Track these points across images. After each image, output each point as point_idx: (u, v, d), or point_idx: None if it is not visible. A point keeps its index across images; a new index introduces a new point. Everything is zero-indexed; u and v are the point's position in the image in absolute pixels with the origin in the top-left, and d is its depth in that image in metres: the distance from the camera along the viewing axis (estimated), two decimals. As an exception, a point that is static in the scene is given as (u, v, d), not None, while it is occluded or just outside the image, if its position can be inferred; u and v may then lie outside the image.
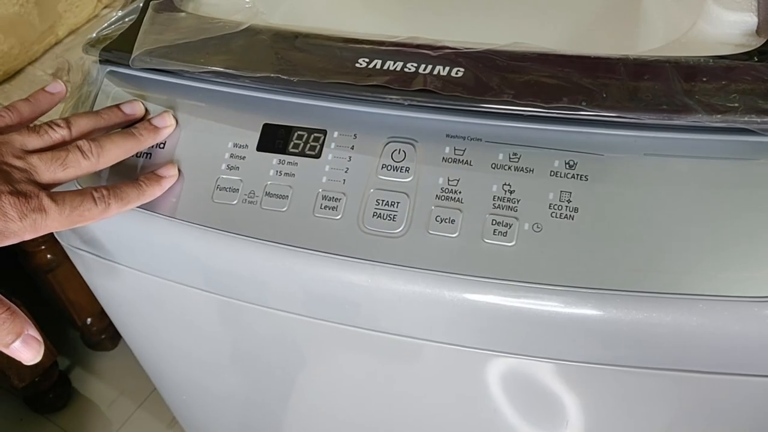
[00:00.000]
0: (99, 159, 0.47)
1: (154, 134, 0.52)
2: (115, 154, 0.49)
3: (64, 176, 0.46)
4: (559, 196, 0.45)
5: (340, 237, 0.47)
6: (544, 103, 0.45)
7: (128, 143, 0.50)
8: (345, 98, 0.50)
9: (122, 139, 0.49)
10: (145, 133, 0.51)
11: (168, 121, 0.52)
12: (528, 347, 0.47)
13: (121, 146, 0.49)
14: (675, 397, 0.49)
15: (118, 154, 0.49)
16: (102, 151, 0.47)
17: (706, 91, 0.44)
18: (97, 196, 0.46)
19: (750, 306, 0.42)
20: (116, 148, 0.49)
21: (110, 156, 0.48)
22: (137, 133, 0.51)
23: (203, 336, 0.60)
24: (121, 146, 0.49)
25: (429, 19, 0.69)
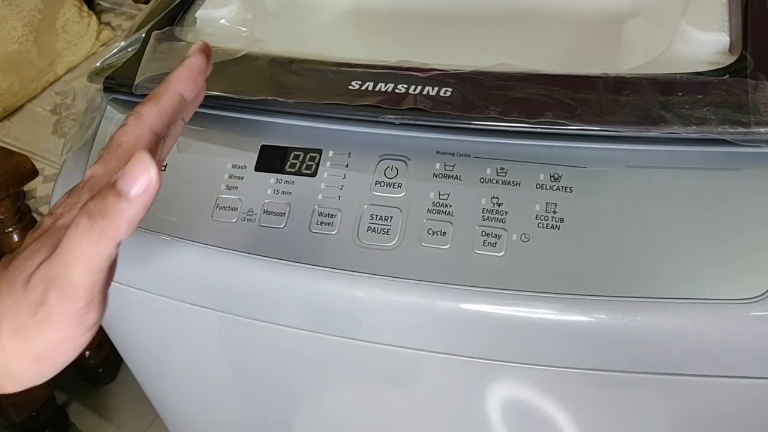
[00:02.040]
0: (141, 114, 0.37)
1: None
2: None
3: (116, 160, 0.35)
4: (545, 208, 0.47)
5: (336, 251, 0.49)
6: (529, 119, 0.47)
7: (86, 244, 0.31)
8: (339, 119, 0.52)
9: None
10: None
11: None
12: (518, 354, 0.48)
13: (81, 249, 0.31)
14: (663, 401, 0.50)
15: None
16: (142, 104, 0.37)
17: (682, 104, 0.46)
18: (125, 119, 0.37)
19: (731, 308, 0.44)
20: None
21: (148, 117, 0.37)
22: None
23: (204, 354, 0.61)
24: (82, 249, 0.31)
25: (419, 45, 0.71)
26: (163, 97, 0.38)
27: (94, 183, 0.36)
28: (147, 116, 0.37)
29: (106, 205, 0.30)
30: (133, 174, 0.30)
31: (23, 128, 1.37)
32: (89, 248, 0.31)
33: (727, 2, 0.54)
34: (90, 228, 0.31)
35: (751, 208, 0.45)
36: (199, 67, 0.41)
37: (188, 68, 0.40)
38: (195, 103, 0.42)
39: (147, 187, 0.31)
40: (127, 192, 0.30)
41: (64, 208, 0.36)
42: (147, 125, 0.37)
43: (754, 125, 0.44)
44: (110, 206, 0.30)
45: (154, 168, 0.31)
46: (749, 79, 0.47)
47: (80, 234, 0.31)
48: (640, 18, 0.67)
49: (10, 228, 1.13)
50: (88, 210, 0.31)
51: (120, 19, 1.63)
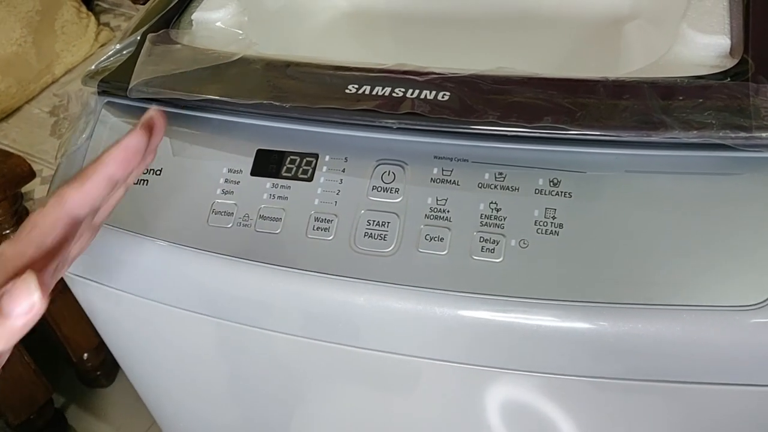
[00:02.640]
0: (62, 196, 0.35)
1: None
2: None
3: (31, 244, 0.34)
4: (544, 213, 0.47)
5: (333, 257, 0.49)
6: (528, 124, 0.47)
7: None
8: (336, 123, 0.51)
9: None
10: None
11: None
12: (517, 361, 0.48)
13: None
14: (664, 409, 0.49)
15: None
16: (67, 186, 0.36)
17: (683, 108, 0.46)
18: (45, 200, 0.35)
19: (732, 315, 0.43)
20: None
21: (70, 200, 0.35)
22: None
23: (200, 360, 0.61)
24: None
25: (417, 47, 0.71)
26: (89, 180, 0.36)
27: (0, 265, 0.34)
28: (68, 200, 0.35)
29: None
30: (17, 296, 0.30)
31: (21, 130, 1.37)
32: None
33: (728, 5, 0.54)
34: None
35: (753, 214, 0.44)
36: (137, 148, 0.38)
37: (123, 148, 0.37)
38: (140, 169, 0.40)
39: (29, 311, 0.30)
40: (8, 312, 0.30)
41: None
42: (66, 210, 0.35)
43: (755, 130, 0.44)
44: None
45: (38, 294, 0.30)
46: (750, 83, 0.46)
47: None
48: (639, 20, 0.67)
49: (8, 230, 1.12)
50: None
51: (119, 20, 1.62)
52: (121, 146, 0.37)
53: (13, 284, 0.30)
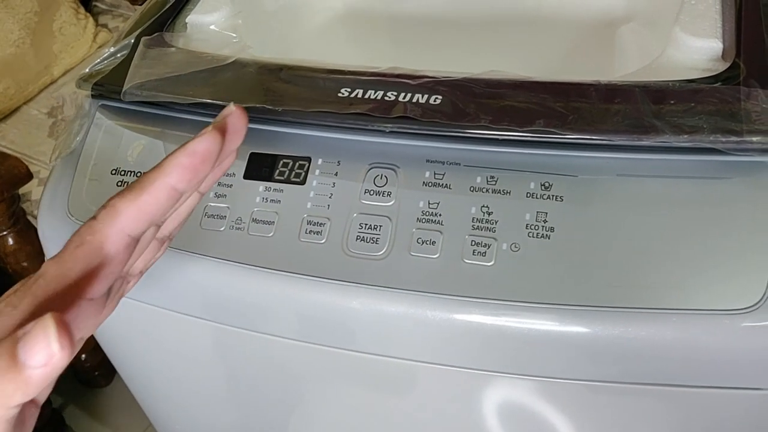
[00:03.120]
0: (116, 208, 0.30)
1: None
2: None
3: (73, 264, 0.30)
4: (536, 217, 0.47)
5: (325, 260, 0.49)
6: (519, 127, 0.47)
7: None
8: (328, 127, 0.51)
9: None
10: None
11: None
12: (509, 364, 0.48)
13: None
14: (656, 412, 0.49)
15: None
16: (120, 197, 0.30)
17: (674, 113, 0.46)
18: (95, 213, 0.31)
19: (723, 319, 0.43)
20: None
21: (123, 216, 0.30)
22: None
23: (195, 362, 0.61)
24: None
25: (411, 49, 0.71)
26: (146, 191, 0.30)
27: (41, 286, 0.29)
28: (122, 213, 0.30)
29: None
30: (32, 343, 0.24)
31: (19, 131, 1.37)
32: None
33: (721, 8, 0.54)
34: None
35: (743, 218, 0.44)
36: (207, 153, 0.31)
37: (189, 154, 0.30)
38: (216, 175, 0.34)
39: (47, 362, 0.24)
40: (23, 361, 0.24)
41: (8, 293, 0.30)
42: (119, 225, 0.30)
43: (746, 134, 0.44)
44: (2, 369, 0.24)
45: (57, 342, 0.24)
46: (742, 87, 0.46)
47: None
48: (634, 23, 0.67)
49: (5, 231, 1.12)
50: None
51: (117, 21, 1.62)
52: (186, 151, 0.31)
53: (31, 327, 0.24)
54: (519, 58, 0.69)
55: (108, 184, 0.55)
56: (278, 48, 0.66)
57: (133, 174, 0.54)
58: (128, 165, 0.55)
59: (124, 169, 0.55)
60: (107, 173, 0.55)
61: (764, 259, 0.43)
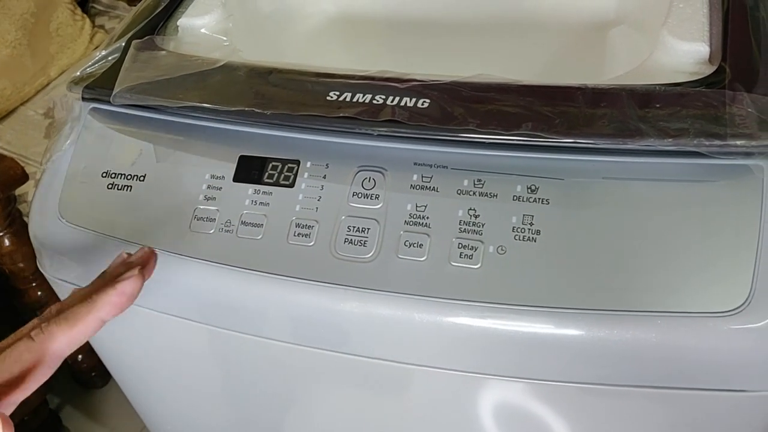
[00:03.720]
0: (51, 328, 0.38)
1: (124, 266, 0.42)
2: (74, 314, 0.38)
3: (9, 374, 0.37)
4: (522, 220, 0.47)
5: (313, 263, 0.49)
6: (506, 131, 0.47)
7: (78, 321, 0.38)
8: (317, 130, 0.52)
9: (89, 289, 0.40)
10: (113, 270, 0.42)
11: (141, 252, 0.44)
12: (495, 366, 0.48)
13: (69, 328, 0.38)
14: (643, 414, 0.50)
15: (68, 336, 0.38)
16: (57, 320, 0.38)
17: (659, 116, 0.46)
18: (34, 333, 0.37)
19: (707, 321, 0.43)
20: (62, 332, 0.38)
21: (69, 318, 0.38)
22: (105, 276, 0.41)
23: (184, 365, 0.61)
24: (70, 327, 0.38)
25: (402, 52, 0.71)
26: (80, 323, 0.37)
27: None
28: (56, 340, 0.37)
29: None
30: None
31: (16, 132, 1.37)
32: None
33: (708, 12, 0.54)
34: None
35: (728, 220, 0.45)
36: (132, 293, 0.39)
37: (120, 294, 0.39)
38: None
39: None
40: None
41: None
42: (52, 349, 0.37)
43: (730, 138, 0.44)
44: None
45: None
46: (727, 91, 0.47)
47: None
48: (624, 26, 0.67)
49: (1, 233, 1.13)
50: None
51: (114, 22, 1.63)
52: (117, 291, 0.38)
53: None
54: (510, 61, 0.69)
55: (98, 187, 0.55)
56: (268, 51, 0.66)
57: (124, 177, 0.55)
58: (118, 168, 0.55)
59: (115, 172, 0.55)
60: (98, 176, 0.56)
61: (748, 261, 0.44)
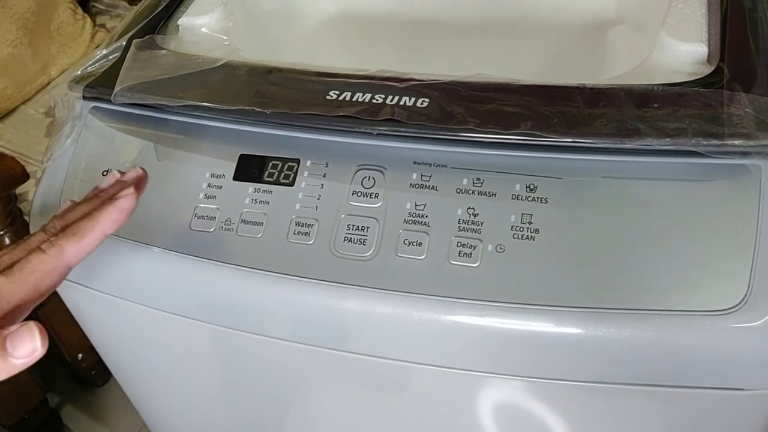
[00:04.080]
0: (61, 242, 0.41)
1: (119, 185, 0.46)
2: (80, 229, 0.42)
3: (26, 285, 0.40)
4: (521, 219, 0.47)
5: (313, 261, 0.49)
6: (505, 130, 0.47)
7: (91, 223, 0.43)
8: (317, 129, 0.52)
9: (87, 205, 0.44)
10: (110, 189, 0.46)
11: (134, 173, 0.48)
12: (494, 364, 0.48)
13: (86, 231, 0.42)
14: (640, 412, 0.50)
15: (89, 239, 0.42)
16: (65, 235, 0.42)
17: (657, 116, 0.46)
18: (45, 246, 0.41)
19: (704, 319, 0.44)
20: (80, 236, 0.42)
21: (76, 233, 0.42)
22: (102, 194, 0.46)
23: (186, 361, 0.61)
24: (87, 230, 0.42)
25: (402, 52, 0.71)
26: (86, 237, 0.42)
27: None
28: (67, 253, 0.41)
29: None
30: (20, 341, 0.36)
31: (16, 131, 1.37)
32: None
33: (707, 13, 0.54)
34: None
35: (725, 219, 0.45)
36: (130, 209, 0.44)
37: (118, 210, 0.43)
38: None
39: (30, 354, 0.36)
40: (11, 353, 0.36)
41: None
42: (64, 261, 0.41)
43: (728, 137, 0.44)
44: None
45: (39, 340, 0.36)
46: (725, 91, 0.47)
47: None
48: (623, 26, 0.68)
49: (1, 231, 1.13)
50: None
51: (115, 22, 1.63)
52: (117, 207, 0.43)
53: (18, 328, 0.36)
54: (509, 61, 0.70)
55: (99, 185, 0.55)
56: (269, 51, 0.66)
57: (124, 175, 0.55)
58: (119, 166, 0.55)
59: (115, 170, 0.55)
60: (98, 175, 0.56)
61: (746, 260, 0.44)
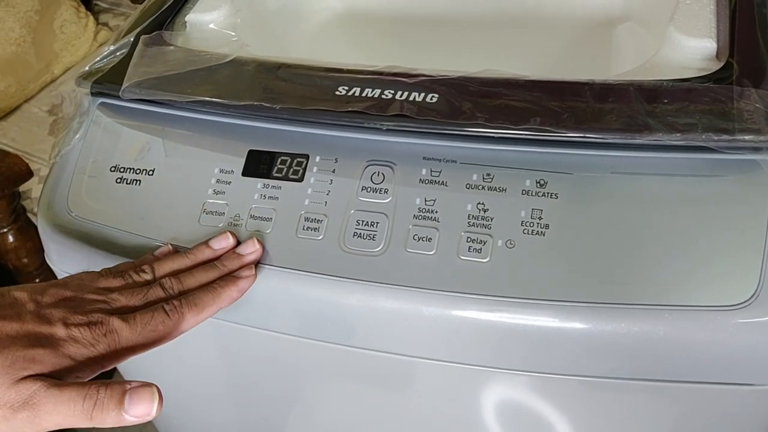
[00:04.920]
0: (183, 311, 0.45)
1: (239, 262, 0.49)
2: (202, 301, 0.46)
3: (144, 338, 0.43)
4: (531, 214, 0.47)
5: (322, 256, 0.49)
6: (515, 125, 0.47)
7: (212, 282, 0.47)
8: (326, 124, 0.52)
9: (205, 275, 0.48)
10: (228, 263, 0.49)
11: (252, 248, 0.50)
12: (504, 360, 0.48)
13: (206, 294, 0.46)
14: (649, 408, 0.50)
15: (205, 301, 0.46)
16: (188, 304, 0.45)
17: (667, 111, 0.46)
18: (169, 309, 0.44)
19: (714, 315, 0.44)
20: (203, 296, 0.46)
21: (197, 305, 0.46)
22: (220, 265, 0.49)
23: (194, 357, 0.61)
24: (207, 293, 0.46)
25: (410, 48, 0.71)
26: (206, 311, 0.46)
27: (114, 341, 0.41)
28: (186, 322, 0.45)
29: (107, 405, 0.37)
30: (139, 401, 0.38)
31: (20, 129, 1.37)
32: (73, 418, 0.37)
33: (716, 8, 0.54)
34: (86, 409, 0.37)
35: (735, 215, 0.45)
36: (245, 291, 0.48)
37: (239, 290, 0.47)
38: None
39: (143, 416, 0.38)
40: (127, 410, 0.38)
41: (78, 322, 0.41)
42: (181, 328, 0.45)
43: (738, 132, 0.44)
44: (109, 408, 0.37)
45: (156, 407, 0.39)
46: (735, 86, 0.47)
47: (76, 404, 0.37)
48: (631, 22, 0.68)
49: (5, 228, 1.13)
50: (96, 398, 0.37)
51: (118, 20, 1.63)
52: (238, 287, 0.47)
53: (141, 386, 0.38)
54: (517, 57, 0.70)
55: (107, 181, 0.55)
56: (276, 46, 0.66)
57: (132, 171, 0.55)
58: (127, 162, 0.55)
59: (123, 166, 0.55)
60: (106, 170, 0.56)
61: (756, 255, 0.44)
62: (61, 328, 0.40)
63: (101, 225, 0.54)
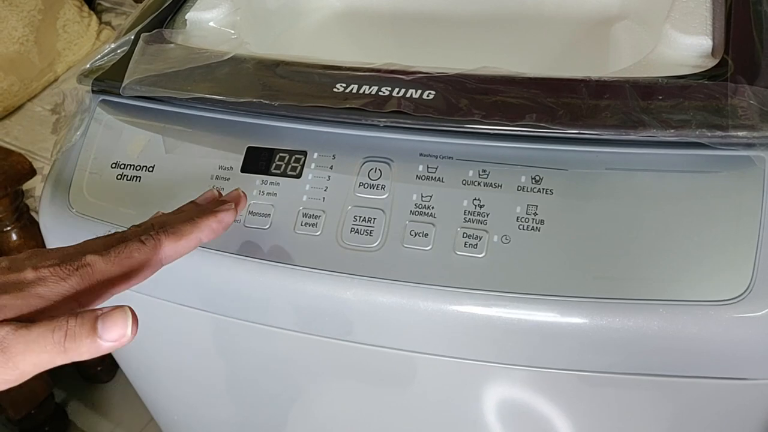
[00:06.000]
0: (160, 237, 0.42)
1: (221, 204, 0.47)
2: (179, 230, 0.43)
3: (120, 267, 0.40)
4: (526, 210, 0.48)
5: (320, 252, 0.50)
6: (511, 122, 0.48)
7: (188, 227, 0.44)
8: (324, 121, 0.52)
9: (186, 214, 0.46)
10: (211, 205, 0.47)
11: (235, 194, 0.49)
12: (499, 354, 0.49)
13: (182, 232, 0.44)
14: (644, 402, 0.50)
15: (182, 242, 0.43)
16: (165, 231, 0.43)
17: (662, 108, 0.47)
18: (144, 237, 0.42)
19: (708, 310, 0.44)
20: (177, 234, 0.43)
21: (175, 233, 0.43)
22: (201, 205, 0.47)
23: (191, 353, 0.62)
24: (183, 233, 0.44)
25: (408, 46, 0.72)
26: (185, 238, 0.43)
27: (87, 274, 0.39)
28: (164, 248, 0.42)
29: (79, 333, 0.35)
30: (112, 323, 0.35)
31: (23, 127, 1.38)
32: (47, 355, 0.35)
33: (711, 6, 0.54)
34: (57, 341, 0.35)
35: (729, 210, 0.45)
36: (228, 223, 0.46)
37: (218, 221, 0.45)
38: None
39: (119, 339, 0.35)
40: (101, 335, 0.35)
41: (49, 264, 0.38)
42: (160, 255, 0.42)
43: (732, 129, 0.45)
44: (82, 336, 0.35)
45: (131, 327, 0.36)
46: (729, 83, 0.47)
47: (46, 338, 0.35)
48: (627, 21, 0.68)
49: (9, 227, 1.13)
50: (66, 328, 0.35)
51: (120, 19, 1.64)
52: (217, 218, 0.45)
53: (111, 310, 0.36)
54: (514, 54, 0.70)
55: (108, 178, 0.56)
56: (275, 44, 0.67)
57: (133, 168, 0.55)
58: (128, 159, 0.56)
59: (124, 163, 0.56)
60: (107, 167, 0.56)
61: (749, 250, 0.44)
62: (30, 272, 0.38)
63: (102, 221, 0.55)
